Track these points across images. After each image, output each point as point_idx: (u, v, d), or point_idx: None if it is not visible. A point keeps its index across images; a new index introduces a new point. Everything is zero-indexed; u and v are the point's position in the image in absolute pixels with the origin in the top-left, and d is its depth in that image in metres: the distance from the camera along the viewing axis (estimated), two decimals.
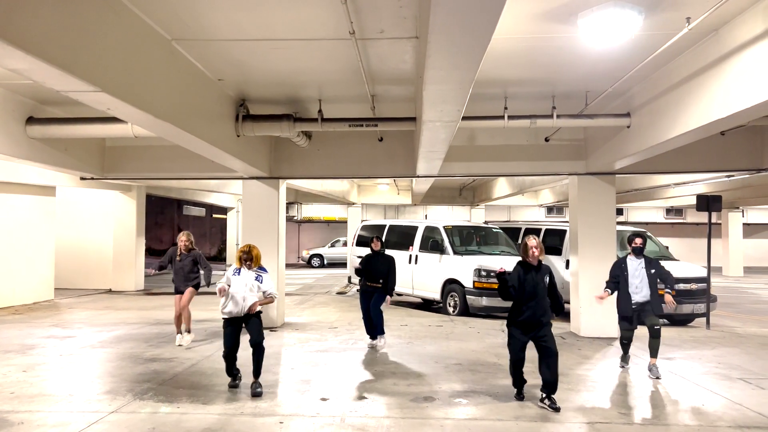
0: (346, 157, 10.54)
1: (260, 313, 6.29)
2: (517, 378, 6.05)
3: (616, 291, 7.23)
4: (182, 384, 6.45)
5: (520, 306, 5.82)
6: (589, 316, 9.79)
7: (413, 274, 13.53)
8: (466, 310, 11.86)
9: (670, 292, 7.10)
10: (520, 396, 6.03)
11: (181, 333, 8.56)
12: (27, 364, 7.28)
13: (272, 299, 6.29)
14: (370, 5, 4.89)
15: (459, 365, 7.53)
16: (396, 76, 6.99)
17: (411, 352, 8.35)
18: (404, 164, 10.44)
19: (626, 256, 7.35)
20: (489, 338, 9.38)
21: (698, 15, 5.03)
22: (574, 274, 10.25)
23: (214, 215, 32.02)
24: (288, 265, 12.77)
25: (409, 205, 27.05)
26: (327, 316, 11.82)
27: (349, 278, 16.92)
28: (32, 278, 13.33)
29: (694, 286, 11.41)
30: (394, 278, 8.65)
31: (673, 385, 6.76)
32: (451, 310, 12.23)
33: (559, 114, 8.15)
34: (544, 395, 5.79)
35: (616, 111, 8.26)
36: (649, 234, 13.77)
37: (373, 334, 8.60)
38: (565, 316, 11.85)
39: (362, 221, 20.85)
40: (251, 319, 6.19)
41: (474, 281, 11.76)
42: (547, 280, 5.89)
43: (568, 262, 11.76)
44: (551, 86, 7.79)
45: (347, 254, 20.86)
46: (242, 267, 6.20)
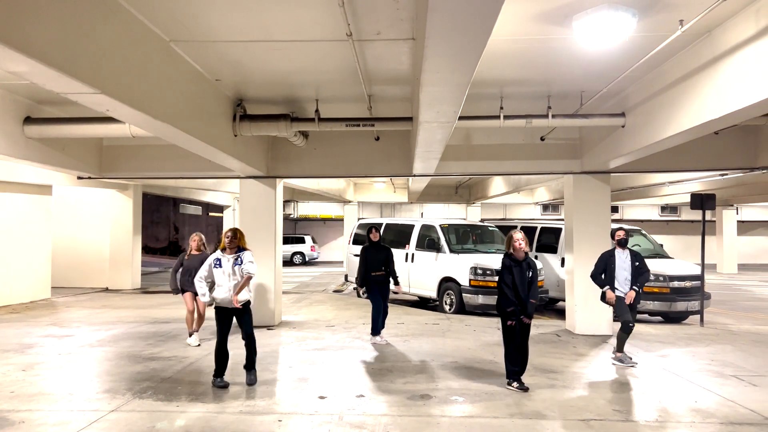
0: (343, 157, 10.58)
1: (249, 304, 6.45)
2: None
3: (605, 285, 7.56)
4: (181, 382, 6.50)
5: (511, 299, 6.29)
6: (584, 314, 9.87)
7: (410, 272, 13.59)
8: (462, 308, 11.93)
9: (637, 288, 7.41)
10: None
11: (192, 333, 8.57)
12: (26, 363, 7.32)
13: (249, 277, 6.34)
14: (367, 7, 4.94)
15: (455, 363, 7.59)
16: (393, 76, 7.03)
17: (408, 349, 8.41)
18: (401, 163, 10.49)
19: (614, 249, 7.64)
20: (485, 336, 9.44)
21: (691, 17, 5.10)
22: (570, 272, 10.33)
23: (211, 213, 31.98)
24: (285, 263, 12.81)
25: (405, 203, 27.11)
26: (324, 314, 11.87)
27: (346, 276, 16.97)
28: (29, 277, 13.34)
29: (688, 284, 11.50)
30: (394, 267, 9.06)
31: (667, 382, 6.84)
32: (447, 308, 12.30)
33: (555, 114, 8.21)
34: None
35: (611, 111, 8.32)
36: (644, 232, 13.89)
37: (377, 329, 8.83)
38: (560, 313, 11.94)
39: (359, 219, 20.89)
40: (242, 314, 6.37)
41: (470, 279, 11.83)
42: (530, 274, 6.34)
43: (563, 260, 11.85)
44: (547, 86, 7.85)
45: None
46: (222, 256, 6.33)
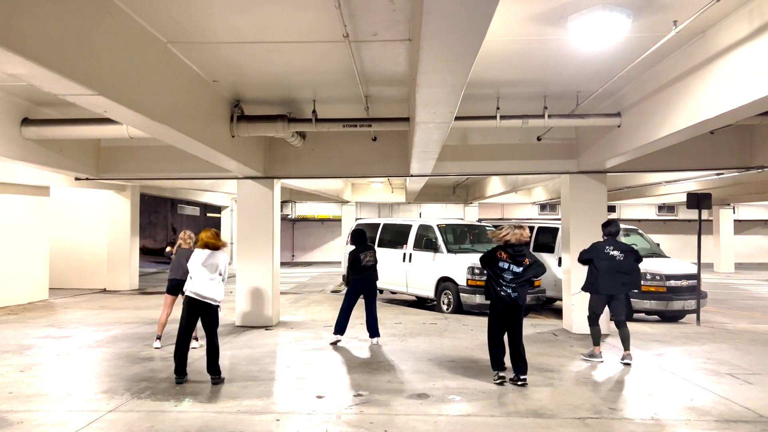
0: (341, 157, 10.61)
1: (217, 307, 6.57)
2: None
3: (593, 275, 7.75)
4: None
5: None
6: (581, 313, 9.85)
7: (407, 272, 13.62)
8: (459, 308, 11.96)
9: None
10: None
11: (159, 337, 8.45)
12: (24, 364, 7.33)
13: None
14: (363, 9, 4.96)
15: (452, 362, 7.62)
16: (389, 77, 7.06)
17: (405, 349, 8.44)
18: (398, 164, 10.52)
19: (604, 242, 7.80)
20: (482, 336, 9.39)
21: (685, 18, 5.13)
22: (566, 271, 10.36)
23: (208, 214, 31.97)
24: (282, 264, 12.84)
25: (403, 203, 27.10)
26: (322, 314, 11.90)
27: (344, 276, 17.00)
28: (27, 278, 13.35)
29: (684, 283, 11.55)
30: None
31: (663, 380, 6.88)
32: (445, 307, 12.33)
33: (551, 114, 8.25)
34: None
35: (607, 111, 8.36)
36: (641, 231, 13.94)
37: (374, 331, 8.87)
38: (557, 313, 11.98)
39: (356, 219, 20.93)
40: (212, 309, 6.47)
41: (467, 279, 11.85)
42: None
43: (560, 259, 11.88)
44: (543, 87, 7.89)
45: None
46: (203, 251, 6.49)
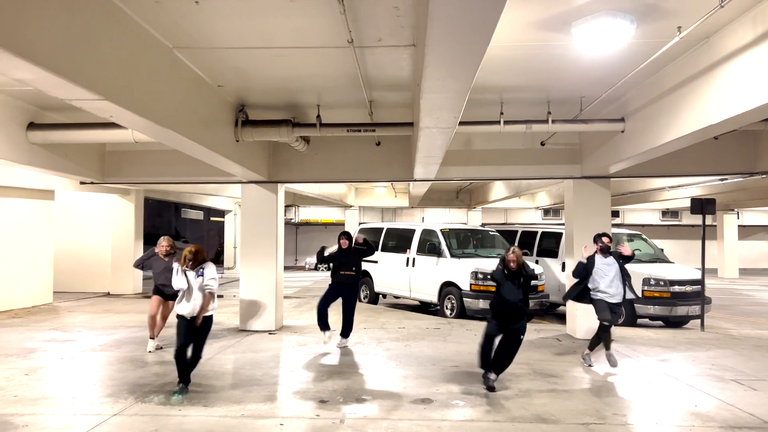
0: (344, 162, 10.63)
1: (211, 318, 6.40)
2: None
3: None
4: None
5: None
6: (585, 319, 9.87)
7: (410, 276, 13.62)
8: (463, 313, 11.95)
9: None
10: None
11: (152, 338, 8.52)
12: (29, 368, 7.35)
13: (211, 293, 6.28)
14: (368, 15, 4.99)
15: (456, 367, 7.62)
16: (393, 82, 7.09)
17: (408, 354, 8.44)
18: (401, 168, 10.53)
19: (593, 256, 7.81)
20: None
21: (689, 24, 5.14)
22: (570, 276, 10.33)
23: (212, 218, 32.06)
24: (286, 268, 12.84)
25: (406, 207, 27.13)
26: None
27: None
28: (31, 282, 13.38)
29: (688, 288, 11.52)
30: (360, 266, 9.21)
31: (667, 386, 6.86)
32: (448, 312, 12.32)
33: (555, 119, 8.26)
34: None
35: (611, 116, 8.37)
36: (645, 236, 13.92)
37: (345, 332, 8.87)
38: (561, 318, 11.96)
39: (360, 224, 20.94)
40: (202, 326, 6.28)
41: (471, 284, 11.85)
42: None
43: (564, 264, 11.87)
44: (546, 92, 7.90)
45: None
46: (185, 267, 6.28)
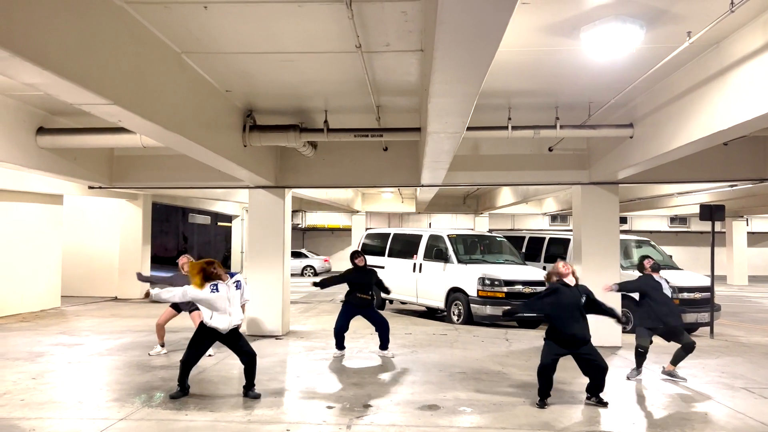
0: (352, 167, 10.63)
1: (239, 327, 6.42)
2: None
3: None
4: (189, 391, 6.50)
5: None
6: (593, 325, 9.74)
7: (417, 282, 13.59)
8: (470, 319, 11.90)
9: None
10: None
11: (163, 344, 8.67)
12: (36, 372, 7.36)
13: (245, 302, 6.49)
14: (376, 19, 4.99)
15: (463, 374, 7.58)
16: (401, 87, 7.08)
17: (415, 360, 8.40)
18: (409, 174, 10.52)
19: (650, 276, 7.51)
20: (493, 347, 9.41)
21: (699, 29, 5.11)
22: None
23: (219, 223, 32.15)
24: (292, 274, 12.85)
25: (413, 213, 27.11)
26: (332, 324, 11.72)
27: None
28: (39, 286, 13.44)
29: (698, 295, 11.43)
30: (383, 284, 9.23)
31: (677, 394, 6.80)
32: (455, 318, 12.27)
33: (563, 124, 8.22)
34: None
35: (619, 121, 8.33)
36: (653, 243, 13.84)
37: (384, 344, 8.75)
38: None
39: (366, 229, 20.92)
40: (238, 337, 6.30)
41: (478, 290, 11.80)
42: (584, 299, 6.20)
43: None
44: (554, 97, 7.87)
45: None
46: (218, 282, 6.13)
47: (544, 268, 13.45)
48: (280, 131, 8.42)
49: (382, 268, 14.64)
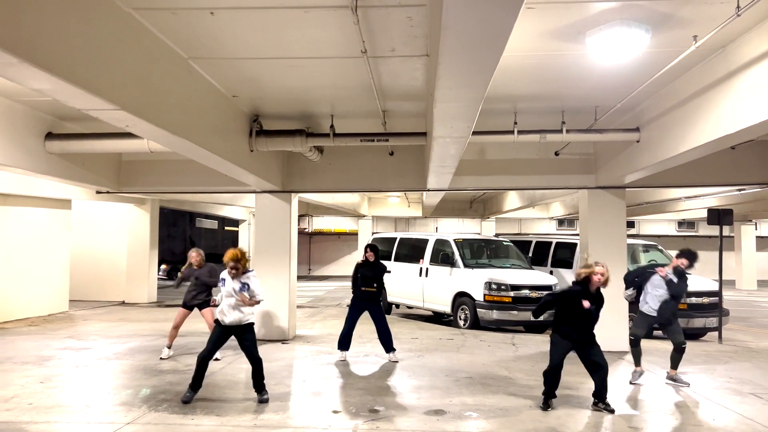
0: (358, 171, 10.65)
1: (253, 325, 6.39)
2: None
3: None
4: (196, 396, 6.52)
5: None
6: (600, 330, 9.73)
7: (424, 286, 13.57)
8: (476, 324, 11.88)
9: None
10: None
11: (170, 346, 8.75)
12: (44, 376, 7.40)
13: (258, 302, 6.33)
14: (381, 25, 5.01)
15: (470, 378, 7.56)
16: (407, 92, 7.10)
17: (422, 364, 8.39)
18: (415, 178, 10.53)
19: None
20: (499, 351, 9.39)
21: (705, 33, 5.10)
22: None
23: (226, 227, 32.28)
24: (299, 277, 12.87)
25: (419, 217, 27.12)
26: (338, 328, 11.76)
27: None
28: (47, 290, 13.51)
29: (706, 300, 11.36)
30: (383, 284, 9.26)
31: (685, 399, 6.76)
32: (461, 323, 12.25)
33: (569, 129, 8.21)
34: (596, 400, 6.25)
35: (626, 126, 8.32)
36: (660, 247, 13.77)
37: (388, 346, 8.74)
38: None
39: (373, 234, 20.94)
40: (246, 332, 6.30)
41: (485, 294, 11.77)
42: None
43: None
44: (560, 101, 7.87)
45: None
46: (227, 277, 6.29)
47: (551, 272, 13.41)
48: (287, 136, 8.45)
49: (388, 272, 14.63)
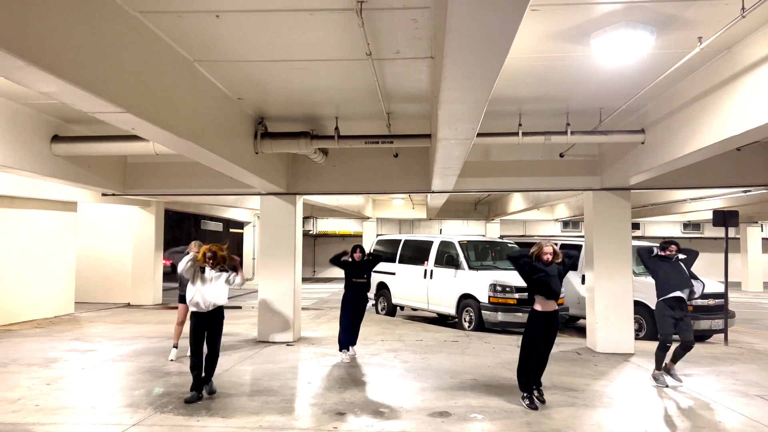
0: (362, 173, 10.66)
1: (224, 310, 6.56)
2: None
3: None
4: (203, 397, 6.53)
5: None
6: (605, 332, 9.76)
7: (428, 288, 13.57)
8: (481, 326, 11.87)
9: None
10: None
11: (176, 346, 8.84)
12: (50, 377, 7.43)
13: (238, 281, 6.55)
14: (386, 27, 5.02)
15: (474, 380, 7.55)
16: (411, 94, 7.11)
17: (426, 366, 8.39)
18: (419, 180, 10.53)
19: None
20: (504, 353, 9.38)
21: (710, 34, 5.09)
22: (590, 289, 10.24)
23: (231, 230, 32.31)
24: (303, 280, 12.88)
25: (424, 219, 27.09)
26: None
27: None
28: (53, 292, 13.56)
29: (711, 302, 11.32)
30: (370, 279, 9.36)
31: (690, 401, 6.74)
32: (466, 325, 12.24)
33: (574, 130, 8.20)
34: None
35: (631, 127, 8.30)
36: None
37: (354, 341, 9.01)
38: (581, 331, 11.82)
39: (377, 236, 20.94)
40: (218, 317, 6.46)
41: (489, 296, 11.77)
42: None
43: (584, 277, 11.75)
44: (565, 103, 7.86)
45: None
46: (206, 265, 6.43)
47: None
48: (292, 138, 8.47)
49: (393, 274, 14.65)
